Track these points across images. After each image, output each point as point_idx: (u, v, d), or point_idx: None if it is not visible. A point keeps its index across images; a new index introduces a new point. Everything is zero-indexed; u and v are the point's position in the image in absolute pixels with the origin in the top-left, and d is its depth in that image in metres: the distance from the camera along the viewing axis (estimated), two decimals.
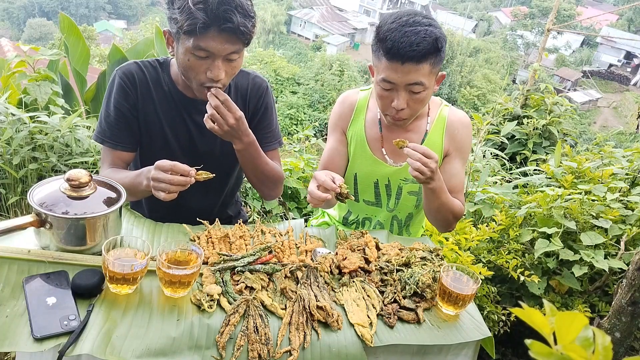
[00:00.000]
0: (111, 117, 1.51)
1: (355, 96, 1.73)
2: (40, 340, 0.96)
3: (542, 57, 5.71)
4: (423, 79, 1.43)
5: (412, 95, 1.47)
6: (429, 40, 1.38)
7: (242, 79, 1.64)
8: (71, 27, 3.62)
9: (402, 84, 1.44)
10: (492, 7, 47.49)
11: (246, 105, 1.65)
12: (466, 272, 1.28)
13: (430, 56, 1.40)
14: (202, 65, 1.36)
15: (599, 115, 30.24)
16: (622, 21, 41.26)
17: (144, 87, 1.52)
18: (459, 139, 1.66)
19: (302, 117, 19.77)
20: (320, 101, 20.57)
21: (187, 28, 1.29)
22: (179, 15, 1.30)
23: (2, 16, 36.34)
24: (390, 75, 1.43)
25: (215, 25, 1.28)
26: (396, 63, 1.40)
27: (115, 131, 1.52)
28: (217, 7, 1.27)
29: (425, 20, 1.42)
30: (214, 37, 1.31)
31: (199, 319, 1.09)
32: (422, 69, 1.41)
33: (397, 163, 1.68)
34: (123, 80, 1.50)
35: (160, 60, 1.57)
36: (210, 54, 1.34)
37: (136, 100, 1.52)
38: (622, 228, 2.00)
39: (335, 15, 39.78)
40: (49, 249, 1.18)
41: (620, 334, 1.63)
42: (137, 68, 1.52)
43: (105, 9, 40.04)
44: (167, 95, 1.54)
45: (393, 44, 1.38)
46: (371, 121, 1.69)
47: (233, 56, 1.37)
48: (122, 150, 1.54)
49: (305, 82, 21.15)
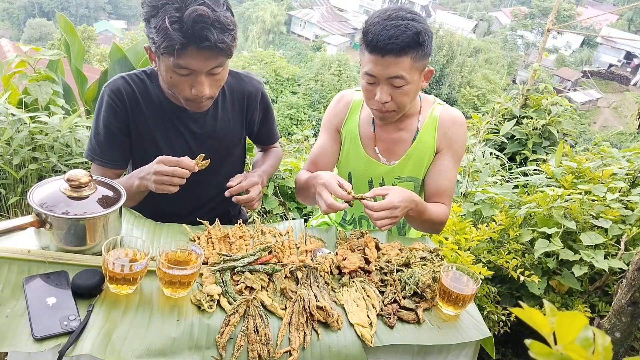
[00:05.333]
0: (100, 135, 1.50)
1: (350, 96, 1.74)
2: (40, 341, 0.96)
3: (542, 57, 5.71)
4: (404, 72, 1.43)
5: (394, 90, 1.47)
6: (408, 33, 1.39)
7: (236, 83, 1.63)
8: (67, 26, 3.62)
9: (383, 77, 1.45)
10: (492, 7, 47.49)
11: (243, 110, 1.65)
12: (466, 272, 1.28)
13: (411, 50, 1.40)
14: (186, 82, 1.35)
15: (599, 115, 30.24)
16: (622, 21, 41.26)
17: (132, 102, 1.49)
18: (450, 135, 1.65)
19: (302, 117, 19.76)
20: (320, 101, 20.56)
21: (164, 50, 1.27)
22: (155, 35, 1.27)
23: (2, 16, 36.34)
24: (372, 69, 1.45)
25: (193, 45, 1.25)
26: (377, 56, 1.42)
27: (105, 149, 1.50)
28: (193, 26, 1.22)
29: (408, 15, 1.42)
30: (194, 55, 1.28)
31: (199, 319, 1.09)
32: (402, 62, 1.42)
33: (390, 162, 1.68)
34: (111, 98, 1.47)
35: (148, 72, 1.53)
36: (192, 71, 1.32)
37: (127, 117, 1.50)
38: (622, 228, 2.00)
39: (335, 16, 39.78)
40: (49, 249, 1.18)
41: (620, 334, 1.63)
42: (124, 83, 1.49)
43: (105, 9, 40.05)
44: (158, 106, 1.51)
45: (373, 36, 1.40)
46: (365, 120, 1.70)
47: (216, 70, 1.35)
48: (112, 168, 1.53)
49: (305, 82, 21.14)
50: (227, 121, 1.62)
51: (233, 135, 1.65)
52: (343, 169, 1.76)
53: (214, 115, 1.58)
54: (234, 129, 1.64)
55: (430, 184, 1.67)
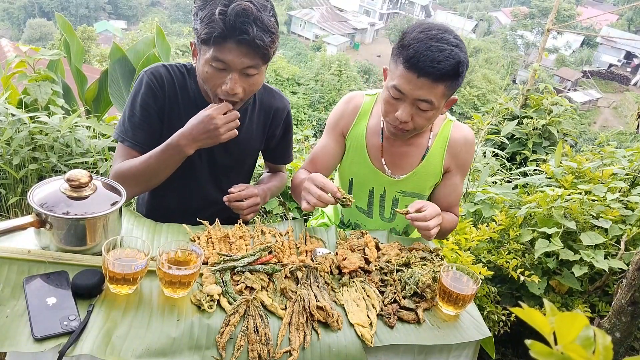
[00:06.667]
0: (136, 116, 1.50)
1: (360, 99, 1.69)
2: (40, 341, 0.96)
3: (542, 57, 5.71)
4: (434, 98, 1.39)
5: (418, 111, 1.43)
6: (451, 62, 1.33)
7: (267, 96, 1.65)
8: (65, 26, 3.62)
9: (412, 97, 1.40)
10: (492, 7, 47.51)
11: (267, 123, 1.67)
12: (466, 272, 1.28)
13: (448, 79, 1.36)
14: (220, 78, 1.37)
15: (599, 115, 30.25)
16: (622, 21, 41.26)
17: (171, 90, 1.52)
18: (461, 157, 1.64)
19: (302, 117, 19.76)
20: (320, 101, 20.57)
21: (204, 37, 1.32)
22: (199, 25, 1.33)
23: (2, 16, 36.34)
24: (403, 85, 1.39)
25: (232, 37, 1.29)
26: (412, 74, 1.36)
27: (137, 131, 1.50)
28: (235, 19, 1.28)
29: (453, 40, 1.36)
30: (231, 49, 1.31)
31: (199, 319, 1.09)
32: (436, 88, 1.37)
33: (396, 175, 1.66)
34: (152, 80, 1.49)
35: (188, 66, 1.56)
36: (227, 66, 1.34)
37: (163, 102, 1.51)
38: (622, 228, 2.00)
39: (335, 16, 39.78)
40: (49, 249, 1.18)
41: (620, 334, 1.63)
42: (165, 71, 1.52)
43: (105, 9, 40.04)
44: (192, 101, 1.53)
45: (415, 53, 1.34)
46: (373, 128, 1.65)
47: (250, 71, 1.37)
48: (140, 151, 1.52)
49: (305, 82, 21.15)
50: (251, 130, 1.64)
51: (252, 145, 1.67)
52: (345, 175, 1.74)
53: (241, 121, 1.58)
54: (254, 139, 1.67)
55: (441, 200, 1.69)
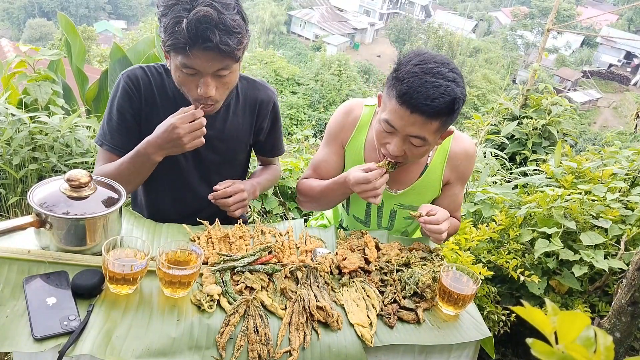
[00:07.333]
0: (113, 120, 1.51)
1: (359, 110, 1.64)
2: (40, 341, 0.96)
3: (542, 57, 5.71)
4: (427, 134, 1.34)
5: (410, 146, 1.39)
6: (446, 98, 1.28)
7: (250, 89, 1.64)
8: (68, 25, 3.62)
9: (403, 133, 1.35)
10: (492, 7, 47.52)
11: (254, 116, 1.66)
12: (466, 272, 1.28)
13: (443, 115, 1.31)
14: (193, 82, 1.36)
15: (599, 115, 30.25)
16: (622, 21, 41.27)
17: (148, 92, 1.51)
18: (461, 169, 1.62)
19: (302, 117, 19.75)
20: (320, 101, 20.55)
21: (169, 48, 1.31)
22: (163, 34, 1.31)
23: (2, 16, 36.34)
24: (395, 121, 1.35)
25: (196, 45, 1.27)
26: (405, 110, 1.31)
27: (115, 135, 1.51)
28: (196, 27, 1.24)
29: (450, 74, 1.30)
30: (198, 56, 1.29)
31: (199, 319, 1.09)
32: (429, 125, 1.32)
33: (393, 190, 1.65)
34: (128, 84, 1.49)
35: (166, 66, 1.55)
36: (197, 71, 1.33)
37: (140, 105, 1.51)
38: (622, 228, 2.00)
39: (335, 16, 39.78)
40: (49, 249, 1.18)
41: (620, 334, 1.63)
42: (142, 73, 1.51)
43: (105, 9, 40.05)
44: (172, 101, 1.53)
45: (408, 89, 1.28)
46: (371, 142, 1.60)
47: (222, 72, 1.35)
48: (118, 154, 1.52)
49: (305, 82, 21.13)
50: (237, 125, 1.63)
51: (240, 139, 1.66)
52: None
53: (224, 117, 1.58)
54: (242, 133, 1.65)
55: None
